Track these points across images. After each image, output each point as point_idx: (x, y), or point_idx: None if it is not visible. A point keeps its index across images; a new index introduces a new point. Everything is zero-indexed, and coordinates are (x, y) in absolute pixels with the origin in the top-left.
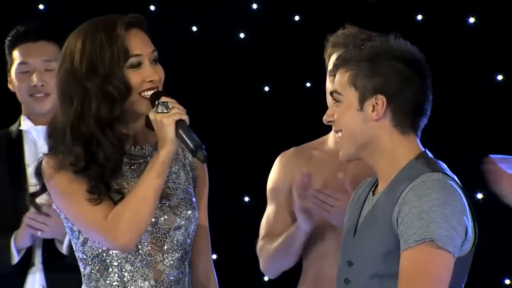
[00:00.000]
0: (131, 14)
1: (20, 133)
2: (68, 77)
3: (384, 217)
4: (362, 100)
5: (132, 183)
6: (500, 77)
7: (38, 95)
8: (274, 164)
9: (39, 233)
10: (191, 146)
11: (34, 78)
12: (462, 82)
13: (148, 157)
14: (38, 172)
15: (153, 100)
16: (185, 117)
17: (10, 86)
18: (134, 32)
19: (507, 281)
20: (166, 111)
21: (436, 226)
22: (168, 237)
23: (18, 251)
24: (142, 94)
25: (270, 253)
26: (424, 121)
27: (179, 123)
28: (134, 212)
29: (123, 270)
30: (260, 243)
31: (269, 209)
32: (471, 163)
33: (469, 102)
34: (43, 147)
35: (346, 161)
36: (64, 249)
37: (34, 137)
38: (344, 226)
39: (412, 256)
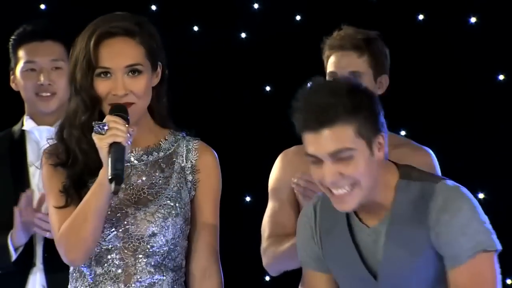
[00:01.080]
0: (115, 24)
1: (22, 133)
2: (69, 77)
3: (419, 244)
4: (370, 145)
5: None
6: (501, 77)
7: (44, 94)
8: (275, 162)
9: (47, 234)
10: (109, 174)
11: (41, 76)
12: (463, 82)
13: (137, 160)
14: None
15: (111, 113)
16: (122, 140)
17: (13, 85)
18: (110, 43)
19: (509, 281)
20: (102, 133)
21: (481, 235)
22: (141, 244)
23: (15, 249)
24: (110, 104)
25: (279, 253)
26: None
27: (113, 146)
28: (75, 232)
29: (95, 272)
30: (265, 243)
31: (272, 208)
32: (472, 162)
33: (470, 102)
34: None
35: (351, 211)
36: None
37: (37, 137)
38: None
39: (467, 271)
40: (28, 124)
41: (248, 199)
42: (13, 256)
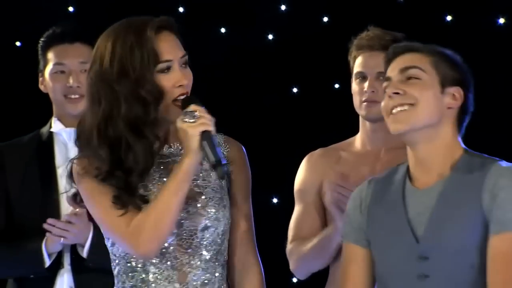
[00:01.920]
0: (161, 17)
1: (50, 135)
2: (98, 79)
3: (469, 206)
4: (443, 85)
5: (159, 183)
6: None
7: (73, 96)
8: (301, 164)
9: (61, 239)
10: (212, 160)
11: (70, 79)
12: (492, 83)
13: (177, 157)
14: (70, 176)
15: (183, 106)
16: (211, 128)
17: (41, 86)
18: (164, 36)
19: None
20: (192, 121)
21: None
22: (194, 239)
23: (49, 255)
24: (176, 102)
25: (303, 254)
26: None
27: (204, 134)
28: (155, 222)
29: (148, 272)
30: (290, 245)
31: (297, 210)
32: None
33: (500, 102)
34: (74, 149)
35: (397, 133)
36: (84, 253)
37: (65, 139)
38: (373, 228)
39: (511, 239)
40: (56, 126)
41: (275, 200)
42: (47, 262)
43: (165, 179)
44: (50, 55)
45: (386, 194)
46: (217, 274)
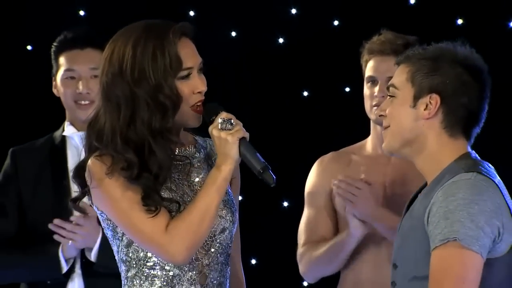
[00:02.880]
0: (182, 23)
1: (63, 139)
2: (116, 81)
3: (419, 218)
4: (416, 97)
5: (180, 185)
6: None
7: (83, 102)
8: (312, 168)
9: (69, 242)
10: (258, 168)
11: (80, 85)
12: (504, 86)
13: (192, 158)
14: (80, 175)
15: (210, 112)
16: (247, 135)
17: (54, 91)
18: (184, 42)
19: None
20: (230, 128)
21: (461, 226)
22: (214, 241)
23: (66, 261)
24: (194, 108)
25: (315, 259)
26: (476, 131)
27: (241, 141)
28: (195, 227)
29: (170, 274)
30: (301, 249)
31: (308, 214)
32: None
33: (509, 104)
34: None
35: (388, 154)
36: (92, 257)
37: (77, 143)
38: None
39: (438, 255)
40: (68, 130)
41: (285, 204)
42: (64, 268)
43: (186, 182)
44: (62, 61)
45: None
46: (227, 276)
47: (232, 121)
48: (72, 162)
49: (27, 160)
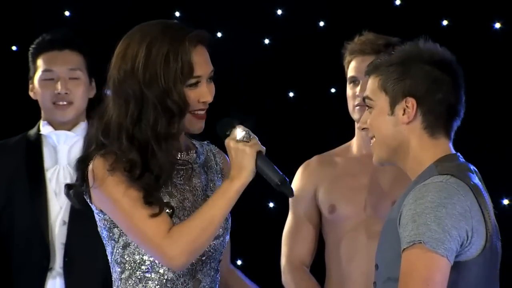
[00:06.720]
0: (199, 31)
1: (39, 137)
2: (128, 79)
3: (394, 220)
4: (392, 104)
5: (182, 189)
6: None
7: (61, 103)
8: (297, 173)
9: None
10: (276, 180)
11: (59, 86)
12: (488, 87)
13: (195, 164)
14: (81, 167)
15: (224, 126)
16: (264, 149)
17: (31, 93)
18: (199, 50)
19: None
20: (247, 141)
21: (427, 229)
22: (209, 247)
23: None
24: (195, 113)
25: None
26: (457, 123)
27: (258, 154)
28: (197, 235)
29: (165, 278)
30: (283, 260)
31: (291, 221)
32: (498, 168)
33: (495, 107)
34: (63, 152)
35: (379, 165)
36: None
37: (55, 142)
38: None
39: (406, 258)
40: (45, 128)
41: (271, 205)
42: None
43: (187, 187)
44: (40, 62)
45: None
46: (217, 281)
47: (250, 133)
48: (48, 161)
49: (1, 160)
